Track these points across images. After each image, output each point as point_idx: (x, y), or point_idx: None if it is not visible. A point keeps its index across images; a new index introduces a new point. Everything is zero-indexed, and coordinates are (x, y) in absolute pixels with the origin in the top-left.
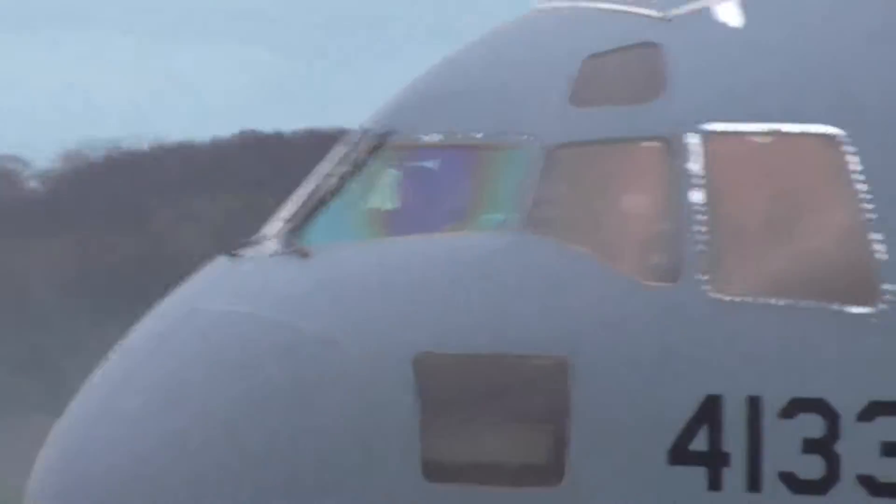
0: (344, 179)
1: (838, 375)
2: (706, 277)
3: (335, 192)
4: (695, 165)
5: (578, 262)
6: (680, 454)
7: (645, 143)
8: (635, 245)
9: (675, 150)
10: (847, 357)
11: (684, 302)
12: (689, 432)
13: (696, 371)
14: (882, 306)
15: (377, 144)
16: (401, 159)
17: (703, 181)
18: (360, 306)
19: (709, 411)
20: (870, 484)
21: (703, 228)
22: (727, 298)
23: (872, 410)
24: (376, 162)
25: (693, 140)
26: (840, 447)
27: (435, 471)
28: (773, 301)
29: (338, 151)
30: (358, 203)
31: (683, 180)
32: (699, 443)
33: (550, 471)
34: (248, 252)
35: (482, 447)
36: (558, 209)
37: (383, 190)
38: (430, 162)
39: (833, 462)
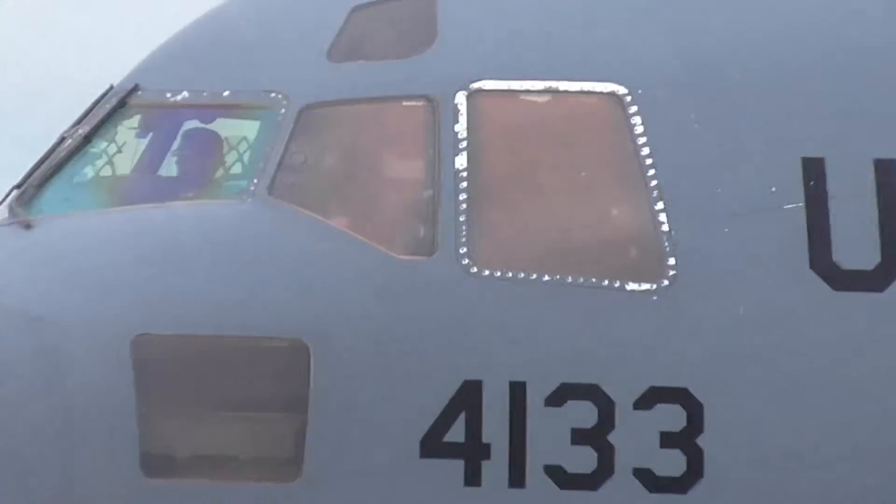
0: (82, 142)
1: (614, 359)
2: (465, 250)
3: (71, 155)
4: (459, 128)
5: (324, 233)
6: (433, 446)
7: (407, 103)
8: (390, 215)
9: (438, 111)
10: (624, 339)
11: (441, 277)
12: (444, 421)
13: (452, 354)
14: (665, 282)
15: (119, 103)
16: (145, 120)
17: (467, 145)
18: (77, 282)
19: (467, 398)
20: (647, 478)
21: (465, 196)
22: (488, 273)
23: (651, 397)
24: (117, 122)
25: (460, 100)
26: (614, 438)
27: (155, 466)
28: (541, 277)
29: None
30: (94, 168)
31: (446, 144)
32: (456, 433)
33: (286, 465)
34: None
35: (209, 440)
36: (306, 175)
37: (123, 154)
38: (174, 122)
39: (606, 454)
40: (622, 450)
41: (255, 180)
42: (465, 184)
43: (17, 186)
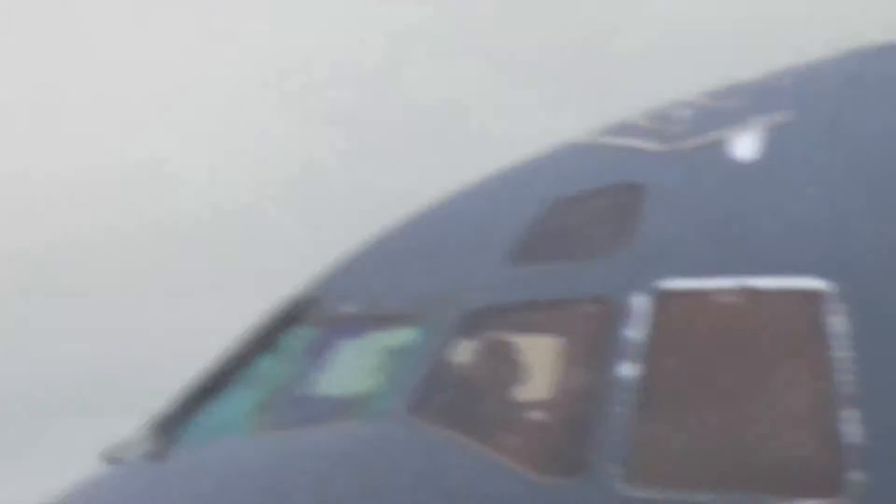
0: (248, 358)
1: None
2: (620, 470)
3: (234, 372)
4: (635, 332)
5: (462, 455)
6: None
7: (581, 307)
8: (535, 433)
9: (612, 314)
10: None
11: (587, 501)
12: None
13: None
14: (843, 500)
15: (293, 317)
16: (317, 335)
17: (641, 350)
18: None
19: None
20: None
21: (624, 409)
22: (643, 495)
23: None
24: (289, 338)
25: (639, 300)
26: None
27: None
28: (703, 496)
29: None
30: (259, 387)
31: (617, 349)
32: None
33: None
34: (126, 454)
35: None
36: (458, 390)
37: (287, 372)
38: (340, 335)
39: None
40: None
41: (398, 397)
42: (626, 395)
43: (174, 409)
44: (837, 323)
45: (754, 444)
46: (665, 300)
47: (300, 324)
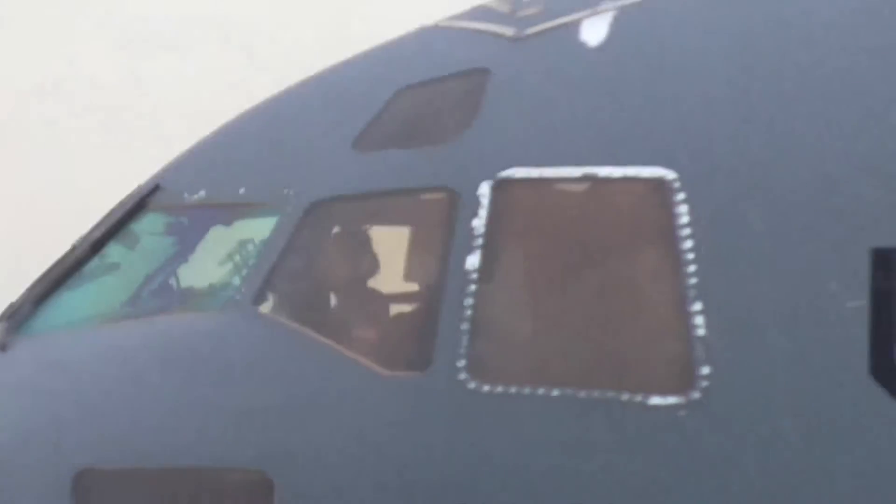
0: (91, 249)
1: (627, 486)
2: (464, 363)
3: (78, 265)
4: (477, 222)
5: (301, 348)
6: None
7: (425, 196)
8: (384, 325)
9: (455, 203)
10: (644, 462)
11: (432, 395)
12: None
13: (438, 481)
14: (695, 395)
15: (139, 204)
16: (168, 223)
17: (483, 241)
18: (26, 414)
19: None
20: None
21: (469, 301)
22: (488, 388)
23: None
24: (140, 225)
25: (481, 189)
26: None
27: None
28: (549, 391)
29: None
30: (102, 279)
31: (459, 241)
32: None
33: None
34: None
35: None
36: (301, 281)
37: (138, 260)
38: (198, 225)
39: None
40: None
41: (243, 288)
42: (472, 287)
43: (23, 298)
44: (684, 213)
45: (602, 339)
46: (507, 189)
47: (149, 211)
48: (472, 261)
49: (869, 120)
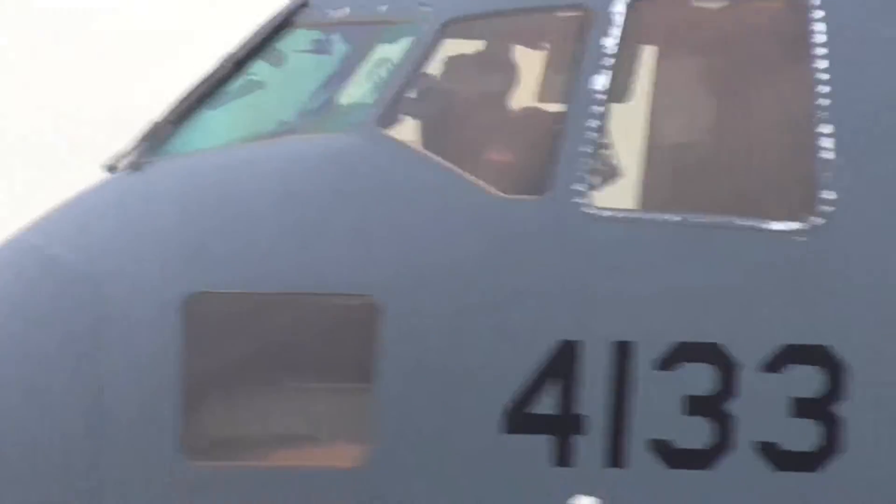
0: (234, 67)
1: (742, 312)
2: (581, 187)
3: (220, 84)
4: (610, 41)
5: (422, 170)
6: (519, 419)
7: (558, 14)
8: (506, 149)
9: (591, 22)
10: (759, 288)
11: (546, 219)
12: (534, 391)
13: (548, 310)
14: (816, 220)
15: (283, 23)
16: (312, 38)
17: (612, 61)
18: (142, 236)
19: (562, 362)
20: (771, 453)
21: (593, 123)
22: (608, 214)
23: (783, 358)
24: (281, 44)
25: (618, 9)
26: (736, 407)
27: (199, 447)
28: (666, 217)
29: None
30: (253, 95)
31: (588, 60)
32: (547, 405)
33: (351, 445)
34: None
35: (260, 417)
36: (425, 102)
37: (283, 80)
38: (338, 43)
39: (725, 426)
40: (745, 421)
41: (372, 110)
42: (596, 108)
43: (159, 121)
44: (821, 31)
45: (726, 162)
46: (643, 7)
47: (296, 28)
48: (600, 81)
49: None
